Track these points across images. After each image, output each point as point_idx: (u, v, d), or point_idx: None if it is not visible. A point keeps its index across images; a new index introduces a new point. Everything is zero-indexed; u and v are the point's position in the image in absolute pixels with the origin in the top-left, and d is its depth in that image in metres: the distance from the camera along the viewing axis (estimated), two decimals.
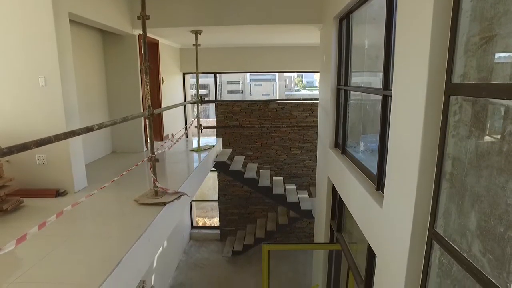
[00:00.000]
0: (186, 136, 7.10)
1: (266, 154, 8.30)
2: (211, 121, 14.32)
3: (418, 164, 1.79)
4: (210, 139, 6.87)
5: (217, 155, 6.47)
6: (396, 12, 2.35)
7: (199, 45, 5.80)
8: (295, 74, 34.87)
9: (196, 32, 5.60)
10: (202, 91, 18.00)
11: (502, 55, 1.39)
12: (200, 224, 10.44)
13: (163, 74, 6.61)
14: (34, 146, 1.67)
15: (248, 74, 31.27)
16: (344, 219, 4.35)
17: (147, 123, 3.32)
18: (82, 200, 2.40)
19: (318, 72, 5.77)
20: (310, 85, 37.61)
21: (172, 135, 6.86)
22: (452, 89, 1.63)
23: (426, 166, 1.78)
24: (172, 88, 7.55)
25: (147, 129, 3.56)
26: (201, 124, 6.03)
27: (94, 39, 5.10)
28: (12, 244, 1.73)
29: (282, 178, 7.68)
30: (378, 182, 2.71)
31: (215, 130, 8.34)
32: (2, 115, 3.45)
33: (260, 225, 8.20)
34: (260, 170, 7.75)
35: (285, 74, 31.98)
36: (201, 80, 6.14)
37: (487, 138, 1.45)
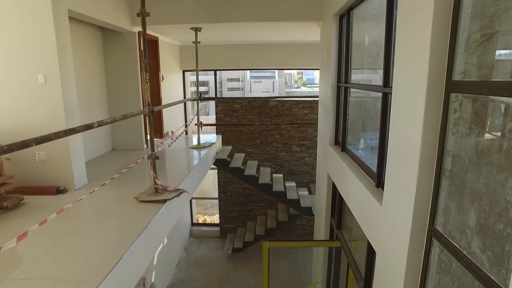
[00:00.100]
0: (186, 133, 7.09)
1: (266, 152, 8.30)
2: (211, 118, 14.29)
3: (418, 162, 1.79)
4: (210, 137, 6.86)
5: (217, 153, 6.48)
6: (396, 9, 2.34)
7: (199, 42, 5.80)
8: (295, 71, 34.81)
9: (196, 29, 5.59)
10: (202, 89, 17.94)
11: (503, 52, 1.38)
12: (200, 221, 10.47)
13: (163, 71, 6.60)
14: (34, 144, 1.68)
15: (248, 72, 31.25)
16: (344, 216, 4.36)
17: (147, 121, 3.32)
18: (82, 198, 2.41)
19: (318, 69, 5.76)
20: (310, 82, 37.61)
21: (172, 132, 6.86)
22: (452, 86, 1.63)
23: (426, 163, 1.78)
24: (172, 85, 7.53)
25: (147, 126, 3.56)
26: (201, 122, 6.03)
27: (94, 36, 5.09)
28: (13, 241, 1.74)
29: (282, 175, 7.68)
30: (378, 180, 2.72)
31: (215, 127, 8.35)
32: (1, 113, 3.45)
33: (260, 222, 8.21)
34: (260, 168, 7.77)
35: (285, 71, 31.95)
36: (201, 78, 6.13)
37: (487, 136, 1.45)
